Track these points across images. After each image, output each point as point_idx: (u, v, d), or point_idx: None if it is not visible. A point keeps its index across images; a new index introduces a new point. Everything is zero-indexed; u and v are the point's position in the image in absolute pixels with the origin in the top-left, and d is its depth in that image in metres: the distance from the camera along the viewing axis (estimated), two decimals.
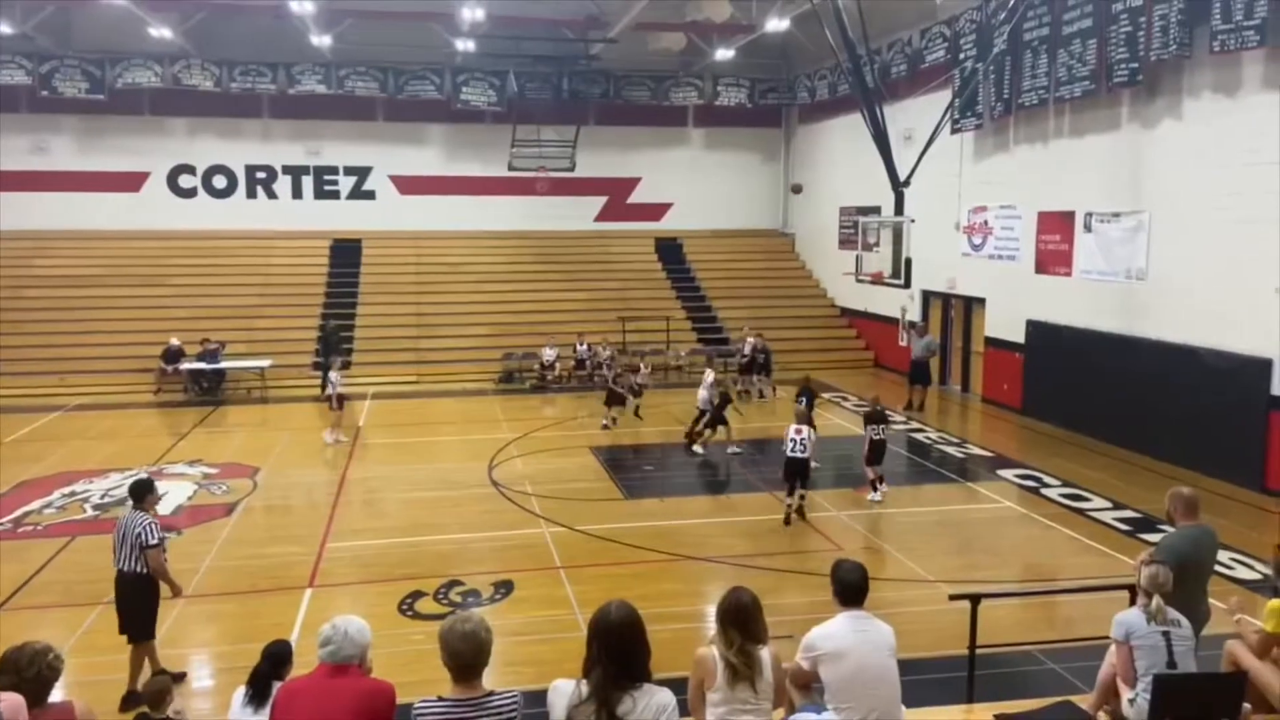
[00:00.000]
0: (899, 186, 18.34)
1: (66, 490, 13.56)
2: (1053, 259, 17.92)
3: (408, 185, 28.03)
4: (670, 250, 28.94)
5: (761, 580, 9.62)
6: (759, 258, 29.17)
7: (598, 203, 29.20)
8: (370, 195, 27.93)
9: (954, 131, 19.78)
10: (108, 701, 7.07)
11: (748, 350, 21.71)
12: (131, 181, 26.42)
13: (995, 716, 5.70)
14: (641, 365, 20.12)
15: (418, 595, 9.61)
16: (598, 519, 12.20)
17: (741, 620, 4.44)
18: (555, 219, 28.40)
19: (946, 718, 6.24)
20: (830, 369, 23.66)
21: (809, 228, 28.97)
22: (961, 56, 19.59)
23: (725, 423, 16.04)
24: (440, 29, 23.72)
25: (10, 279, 24.03)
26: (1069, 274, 17.47)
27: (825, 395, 20.96)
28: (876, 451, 13.02)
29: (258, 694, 5.11)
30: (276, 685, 5.10)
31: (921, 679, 7.02)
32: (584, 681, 3.68)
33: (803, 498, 12.22)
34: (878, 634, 4.79)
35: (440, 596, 9.62)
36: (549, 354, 22.78)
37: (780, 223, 30.48)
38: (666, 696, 3.70)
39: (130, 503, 7.65)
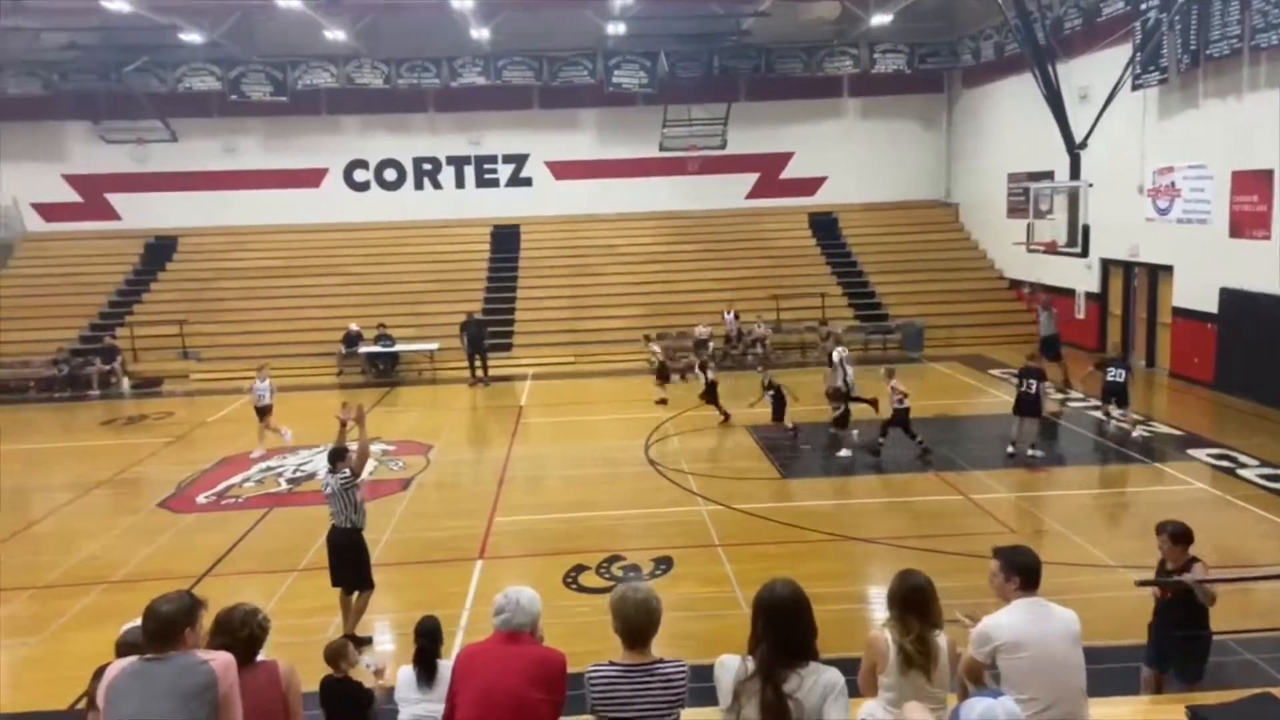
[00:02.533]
0: (1075, 149, 17.33)
1: (263, 466, 14.67)
2: (1249, 221, 16.46)
3: (562, 170, 28.60)
4: (825, 225, 28.36)
5: (925, 562, 9.32)
6: (920, 230, 28.16)
7: (749, 179, 28.92)
8: (527, 182, 28.68)
9: (1135, 88, 18.43)
10: (302, 661, 7.61)
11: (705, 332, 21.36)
12: (311, 178, 28.13)
13: (1187, 709, 5.31)
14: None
15: (581, 569, 9.88)
16: (755, 498, 12.17)
17: (919, 604, 4.34)
18: (707, 198, 28.34)
19: (1133, 710, 5.88)
20: (998, 344, 22.66)
21: (974, 197, 27.73)
22: (1143, 7, 18.19)
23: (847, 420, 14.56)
24: (592, 13, 24.02)
25: (206, 272, 26.16)
26: (1268, 237, 16.01)
27: (994, 372, 20.11)
28: (1022, 404, 13.47)
29: (427, 672, 5.40)
30: (440, 662, 5.39)
31: (1103, 668, 6.64)
32: (750, 657, 3.68)
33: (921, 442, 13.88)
34: (1058, 621, 4.49)
35: (602, 570, 9.85)
36: (702, 333, 22.81)
37: (943, 193, 29.30)
38: (834, 676, 3.64)
39: (329, 467, 8.48)
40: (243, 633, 4.36)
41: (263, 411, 15.51)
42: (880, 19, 23.49)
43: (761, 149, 28.52)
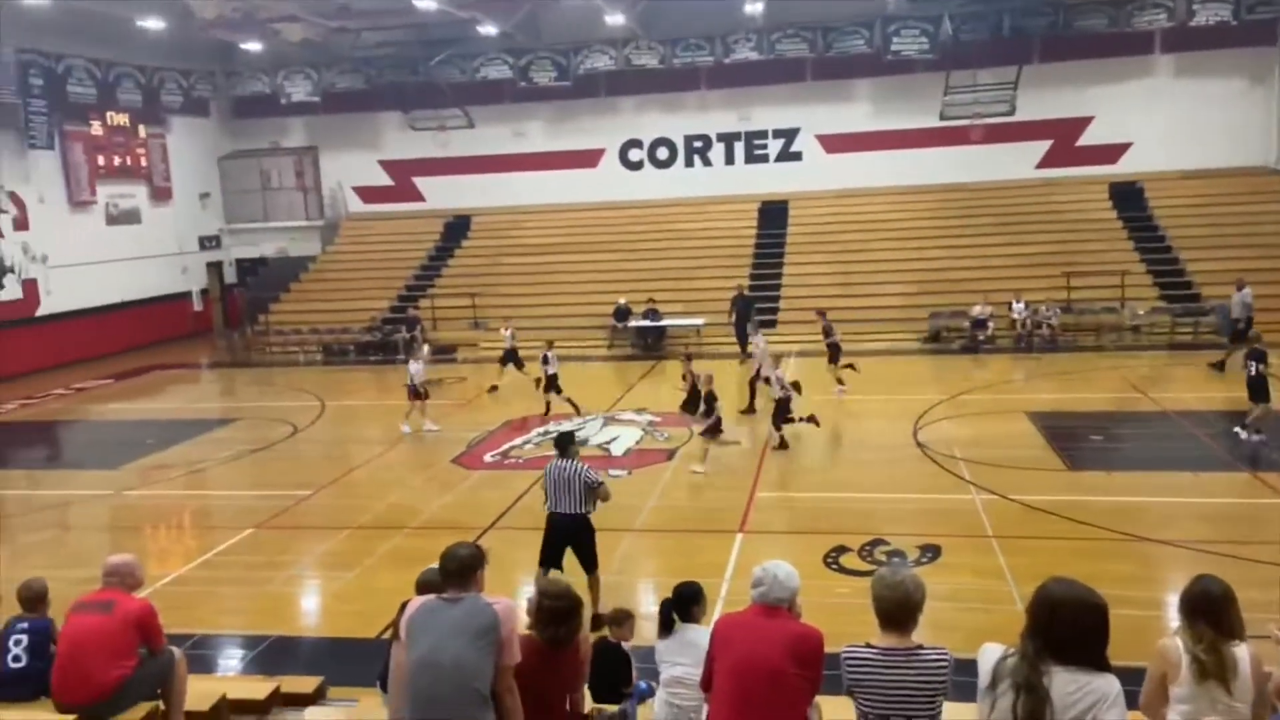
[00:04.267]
0: None
1: (541, 430, 15.65)
2: None
3: (834, 144, 27.97)
4: (1128, 196, 25.73)
5: (1233, 571, 8.26)
6: (1244, 200, 24.76)
7: (1040, 147, 26.80)
8: (797, 156, 28.33)
9: None
10: None
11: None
12: (590, 158, 29.45)
13: None
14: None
15: (842, 550, 9.71)
16: (1035, 489, 11.37)
17: (1212, 613, 4.01)
18: (990, 168, 26.59)
19: None
20: None
21: None
22: None
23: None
24: None
25: (493, 249, 28.20)
26: None
27: None
28: (1253, 389, 12.91)
29: (665, 625, 5.57)
30: (696, 627, 5.50)
31: None
32: (1015, 650, 3.46)
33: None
34: None
35: (865, 554, 9.63)
36: (980, 312, 21.56)
37: (1274, 158, 25.64)
38: (1108, 685, 3.32)
39: (557, 453, 8.38)
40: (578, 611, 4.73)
41: (414, 390, 15.75)
42: None
43: (1055, 114, 26.31)
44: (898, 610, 3.82)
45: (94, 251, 25.61)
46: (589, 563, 8.30)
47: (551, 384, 16.45)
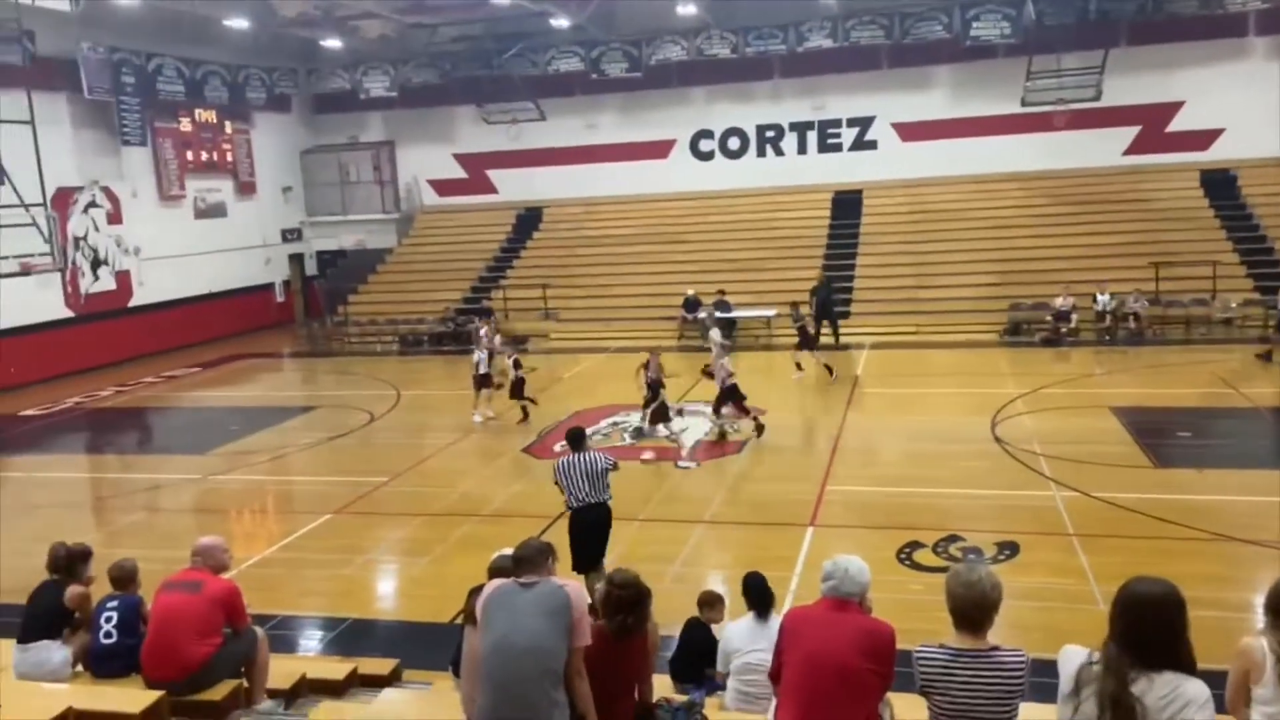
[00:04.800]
0: None
1: (610, 420, 15.74)
2: None
3: (910, 132, 27.41)
4: (1220, 184, 24.69)
5: None
6: None
7: (1128, 134, 25.87)
8: (872, 145, 27.84)
9: None
10: None
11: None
12: (660, 149, 29.38)
13: None
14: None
15: (916, 545, 9.55)
16: (1119, 486, 11.02)
17: None
18: (1075, 155, 25.78)
19: None
20: None
21: None
22: None
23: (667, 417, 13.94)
24: None
25: (566, 240, 28.38)
26: None
27: None
28: None
29: (763, 618, 5.57)
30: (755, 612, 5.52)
31: None
32: (1098, 652, 3.35)
33: None
34: None
35: (940, 549, 9.45)
36: (1063, 304, 20.95)
37: None
38: (1197, 689, 3.21)
39: (570, 449, 8.63)
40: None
41: (484, 380, 16.14)
42: None
43: (1143, 99, 25.35)
44: (973, 609, 3.72)
45: (183, 244, 26.53)
46: (599, 554, 8.39)
47: (518, 388, 16.15)
